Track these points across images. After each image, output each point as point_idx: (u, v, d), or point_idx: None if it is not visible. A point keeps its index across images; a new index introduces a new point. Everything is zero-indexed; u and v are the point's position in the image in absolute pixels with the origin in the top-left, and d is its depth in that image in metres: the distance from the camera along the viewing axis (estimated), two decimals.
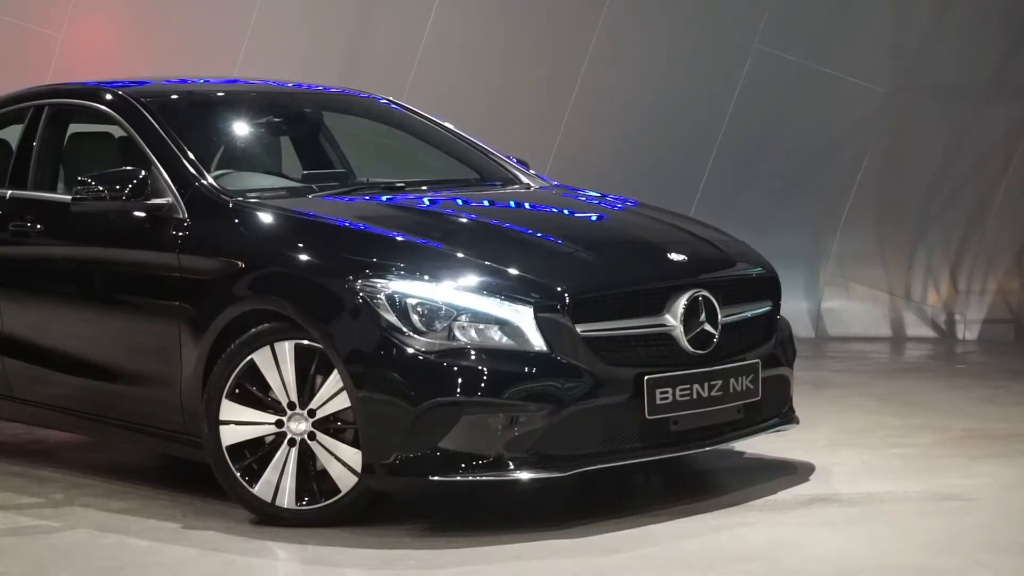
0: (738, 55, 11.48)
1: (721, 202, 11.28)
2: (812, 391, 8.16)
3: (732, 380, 5.81)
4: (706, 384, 5.71)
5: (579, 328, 5.52)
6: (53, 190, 6.83)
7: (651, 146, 11.49)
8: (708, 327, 5.77)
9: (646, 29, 11.58)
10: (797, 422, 6.30)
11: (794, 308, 9.43)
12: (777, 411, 6.17)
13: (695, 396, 5.69)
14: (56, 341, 6.56)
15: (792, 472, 6.40)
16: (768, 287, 6.22)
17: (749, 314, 6.03)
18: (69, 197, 6.33)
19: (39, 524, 5.89)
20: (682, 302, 5.73)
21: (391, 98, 7.56)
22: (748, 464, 6.57)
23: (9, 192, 6.85)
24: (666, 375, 5.62)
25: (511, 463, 5.42)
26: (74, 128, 7.06)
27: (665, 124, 11.49)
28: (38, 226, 6.62)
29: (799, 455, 6.65)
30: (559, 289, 5.56)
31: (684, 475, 6.40)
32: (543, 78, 11.60)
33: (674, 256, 5.97)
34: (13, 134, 7.07)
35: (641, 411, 5.58)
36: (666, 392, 5.61)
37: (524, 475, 5.43)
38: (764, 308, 6.14)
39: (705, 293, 5.79)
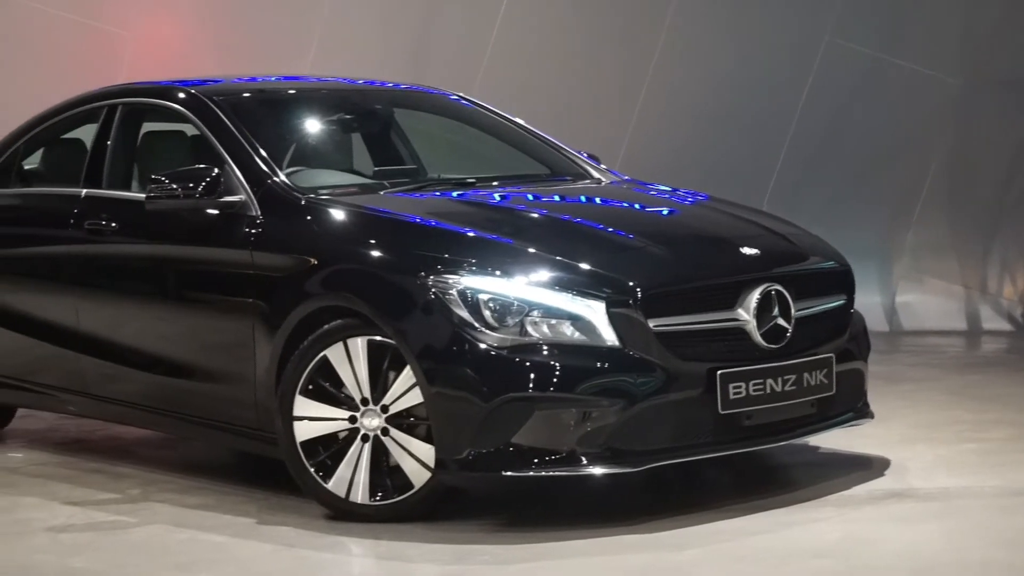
0: (809, 47, 11.41)
1: (793, 195, 11.22)
2: (886, 385, 8.10)
3: (806, 374, 5.77)
4: (779, 379, 5.68)
5: (651, 323, 5.51)
6: (127, 189, 6.88)
7: (722, 140, 11.44)
8: (781, 321, 5.74)
9: (716, 22, 11.53)
10: (871, 417, 6.26)
11: (868, 302, 9.34)
12: (851, 406, 6.12)
13: (768, 391, 5.66)
14: (131, 338, 6.62)
15: (866, 467, 6.36)
16: (842, 280, 6.18)
17: (823, 308, 6.00)
18: (143, 196, 6.38)
19: (115, 520, 5.95)
20: (755, 296, 5.70)
21: (461, 94, 7.57)
22: (822, 459, 6.53)
23: (84, 191, 6.91)
24: (739, 370, 5.60)
25: (583, 458, 5.42)
26: (147, 127, 7.12)
27: (736, 117, 11.44)
28: (113, 225, 6.68)
29: (873, 450, 6.60)
30: (631, 284, 5.55)
31: (756, 470, 6.36)
32: (613, 72, 11.58)
33: (746, 250, 5.94)
34: (88, 133, 7.14)
35: (714, 406, 5.56)
36: (739, 387, 5.59)
37: (596, 470, 5.42)
38: (838, 302, 6.10)
39: (778, 287, 5.76)
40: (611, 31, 11.58)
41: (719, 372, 5.56)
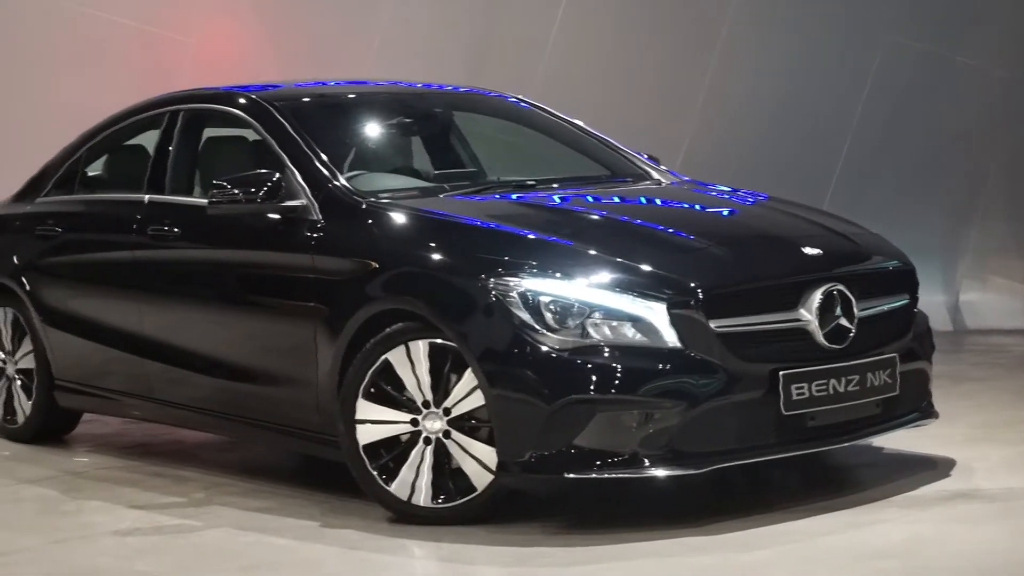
0: (868, 46, 11.35)
1: (854, 195, 11.16)
2: (950, 385, 8.04)
3: (869, 375, 5.74)
4: (843, 379, 5.65)
5: (713, 324, 5.49)
6: (190, 194, 6.93)
7: (782, 140, 11.39)
8: (844, 321, 5.71)
9: (775, 22, 11.49)
10: (936, 417, 6.21)
11: (931, 301, 9.27)
12: (915, 406, 6.08)
13: (832, 391, 5.63)
14: (194, 342, 6.65)
15: (931, 467, 6.31)
16: (905, 280, 6.14)
17: (886, 308, 5.96)
18: (205, 201, 6.42)
19: (180, 523, 5.98)
20: (817, 296, 5.67)
21: (520, 96, 7.57)
22: (886, 460, 6.48)
23: (147, 197, 6.96)
24: (802, 370, 5.57)
25: (646, 460, 5.40)
26: (209, 132, 7.17)
27: (796, 117, 11.39)
28: (175, 230, 6.72)
29: (938, 450, 6.55)
30: (692, 285, 5.53)
31: (821, 471, 6.33)
32: (673, 73, 11.55)
33: (808, 250, 5.91)
34: (150, 140, 7.19)
35: (777, 407, 5.53)
36: (802, 388, 5.56)
37: (659, 472, 5.41)
38: (901, 301, 6.06)
39: (840, 287, 5.73)
40: (670, 31, 11.56)
41: (782, 373, 5.53)
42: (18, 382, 7.56)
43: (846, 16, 11.43)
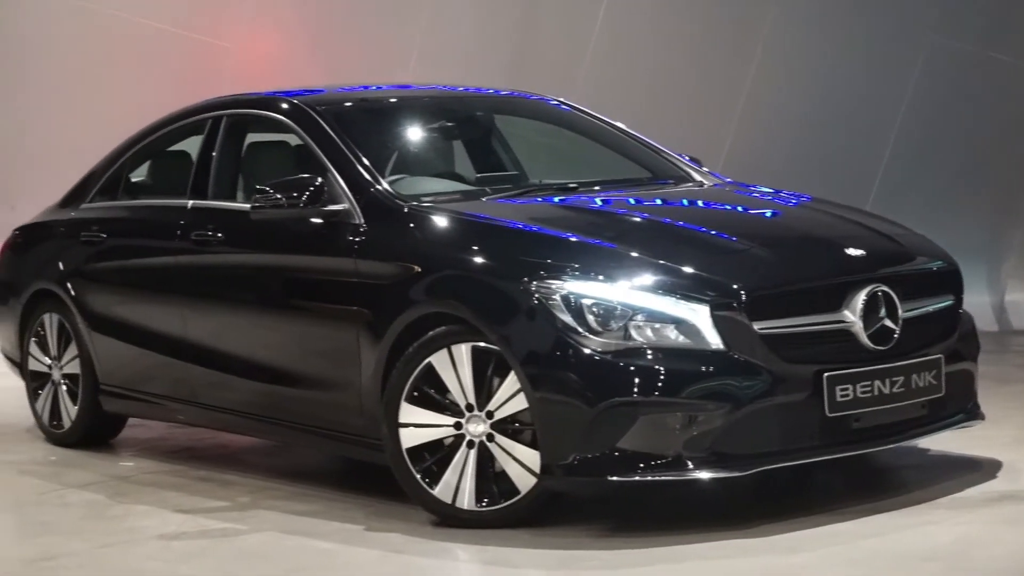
0: (911, 46, 11.30)
1: (898, 196, 11.10)
2: (996, 386, 7.98)
3: (914, 376, 5.70)
4: (887, 380, 5.62)
5: (756, 325, 5.47)
6: (233, 199, 6.95)
7: (824, 141, 11.36)
8: (888, 322, 5.68)
9: (818, 22, 11.45)
10: (982, 418, 6.17)
11: (977, 301, 9.23)
12: (961, 407, 6.04)
13: (876, 393, 5.60)
14: (238, 347, 6.68)
15: (977, 469, 6.27)
16: (949, 280, 6.10)
17: (930, 308, 5.93)
18: (248, 206, 6.44)
19: (225, 527, 6.00)
20: (861, 297, 5.64)
21: (561, 99, 7.57)
22: (932, 461, 6.45)
23: (190, 202, 6.99)
24: (846, 372, 5.54)
25: (690, 463, 5.39)
26: (251, 138, 7.19)
27: (839, 118, 11.35)
28: (219, 235, 6.75)
29: (984, 451, 6.51)
30: (735, 287, 5.51)
31: (866, 473, 6.30)
32: (714, 74, 11.53)
33: (851, 251, 5.89)
34: (193, 145, 7.22)
35: (821, 408, 5.51)
36: (847, 389, 5.53)
37: (703, 475, 5.39)
38: (946, 302, 6.02)
39: (884, 288, 5.70)
40: (712, 34, 11.54)
41: (826, 374, 5.51)
42: (64, 387, 7.60)
43: (889, 17, 11.39)
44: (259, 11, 11.67)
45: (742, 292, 5.49)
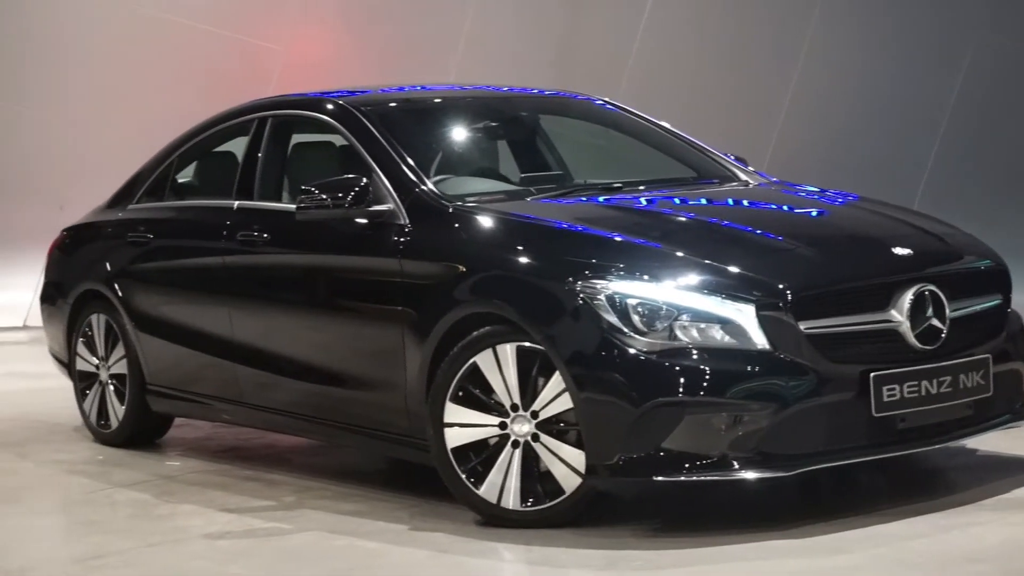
0: (958, 43, 11.23)
1: (945, 195, 11.05)
2: None
3: (962, 376, 5.67)
4: (934, 380, 5.59)
5: (802, 325, 5.45)
6: (278, 200, 6.97)
7: (871, 140, 11.31)
8: (936, 322, 5.65)
9: (864, 20, 11.40)
10: None
11: None
12: (1009, 407, 6.00)
13: (923, 393, 5.57)
14: (283, 347, 6.70)
15: None
16: (997, 280, 6.06)
17: (978, 308, 5.89)
18: (294, 206, 6.46)
19: (271, 527, 6.02)
20: (908, 297, 5.62)
21: (606, 98, 7.56)
22: (979, 462, 6.40)
23: (236, 203, 7.01)
24: (893, 372, 5.52)
25: (735, 463, 5.37)
26: (297, 138, 7.21)
27: (885, 117, 11.30)
28: (264, 235, 6.77)
29: None
30: (781, 286, 5.49)
31: (912, 474, 6.26)
32: (759, 75, 11.50)
33: (898, 250, 5.86)
34: (239, 146, 7.25)
35: (867, 409, 5.48)
36: (893, 389, 5.51)
37: (748, 475, 5.38)
38: (994, 301, 5.98)
39: (932, 287, 5.67)
40: (758, 33, 11.51)
41: (872, 374, 5.48)
42: (111, 387, 7.64)
43: (935, 14, 11.32)
44: (306, 14, 11.72)
45: (788, 292, 5.47)
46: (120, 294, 7.51)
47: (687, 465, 5.38)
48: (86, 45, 11.96)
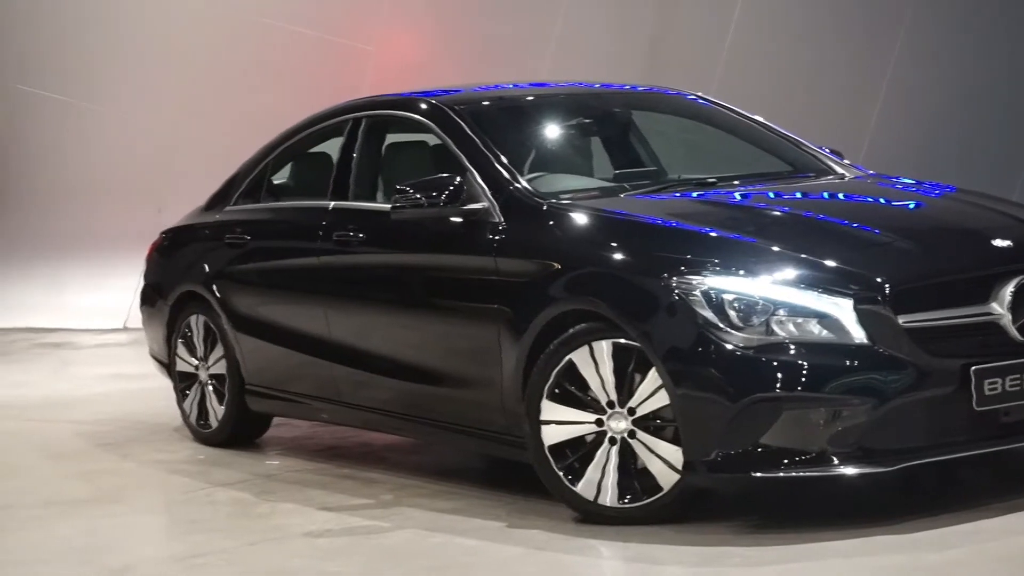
0: None
1: None
2: None
3: None
4: None
5: (901, 319, 5.39)
6: (373, 199, 7.01)
7: (967, 131, 11.18)
8: None
9: (956, 14, 11.27)
10: None
11: None
12: None
13: None
14: (380, 346, 6.73)
15: None
16: None
17: None
18: (388, 206, 6.49)
19: (369, 525, 6.05)
20: (1009, 289, 5.54)
21: (699, 93, 7.52)
22: None
23: (332, 203, 7.05)
24: (995, 365, 5.44)
25: (834, 458, 5.33)
26: (390, 138, 7.24)
27: (981, 108, 11.17)
28: (360, 235, 6.80)
29: None
30: (879, 280, 5.44)
31: (1014, 468, 6.18)
32: (854, 68, 11.40)
33: (998, 242, 5.78)
34: (334, 147, 7.29)
35: (969, 403, 5.41)
36: (995, 383, 5.43)
37: (848, 470, 5.33)
38: None
39: None
40: (851, 27, 11.42)
41: (973, 368, 5.41)
42: (211, 387, 7.71)
43: None
44: (398, 15, 11.77)
45: (886, 285, 5.42)
46: (218, 295, 7.58)
47: (785, 461, 5.34)
48: (184, 49, 12.09)
